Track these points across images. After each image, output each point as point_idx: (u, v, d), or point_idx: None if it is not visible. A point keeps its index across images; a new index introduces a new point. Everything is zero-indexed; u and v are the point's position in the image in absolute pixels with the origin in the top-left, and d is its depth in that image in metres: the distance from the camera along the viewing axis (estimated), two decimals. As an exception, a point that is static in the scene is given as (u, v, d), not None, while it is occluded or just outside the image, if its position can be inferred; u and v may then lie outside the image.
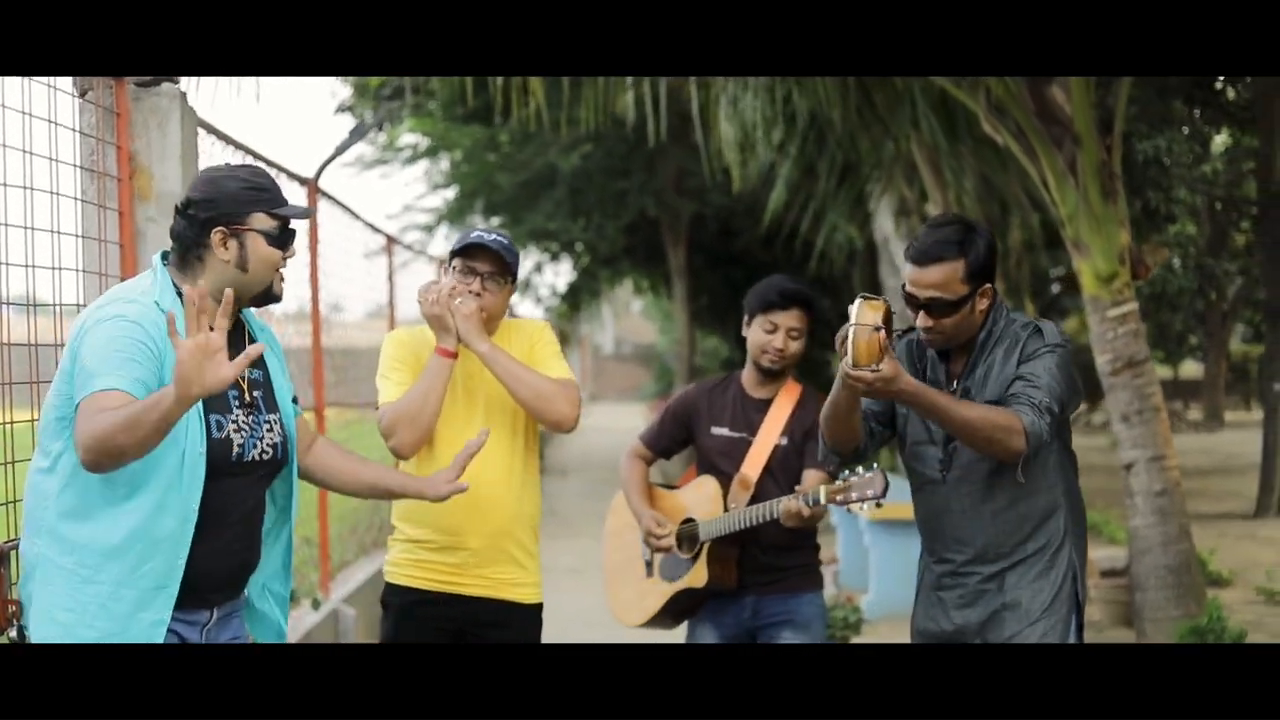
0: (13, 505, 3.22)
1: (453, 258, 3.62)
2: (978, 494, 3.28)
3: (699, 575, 4.08)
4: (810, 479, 3.93)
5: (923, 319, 3.22)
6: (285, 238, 2.90)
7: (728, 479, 4.09)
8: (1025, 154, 6.72)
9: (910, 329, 3.45)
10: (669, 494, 4.27)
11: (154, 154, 3.98)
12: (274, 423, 2.95)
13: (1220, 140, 13.00)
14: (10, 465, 3.27)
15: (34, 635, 2.74)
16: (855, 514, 3.68)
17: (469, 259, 3.59)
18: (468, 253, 3.59)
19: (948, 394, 3.17)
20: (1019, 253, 12.25)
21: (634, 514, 4.20)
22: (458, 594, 3.61)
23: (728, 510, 4.03)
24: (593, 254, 19.07)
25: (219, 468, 2.81)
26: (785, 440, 4.07)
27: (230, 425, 2.85)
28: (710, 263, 19.48)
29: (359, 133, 9.26)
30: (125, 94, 3.92)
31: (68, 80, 3.68)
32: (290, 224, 2.92)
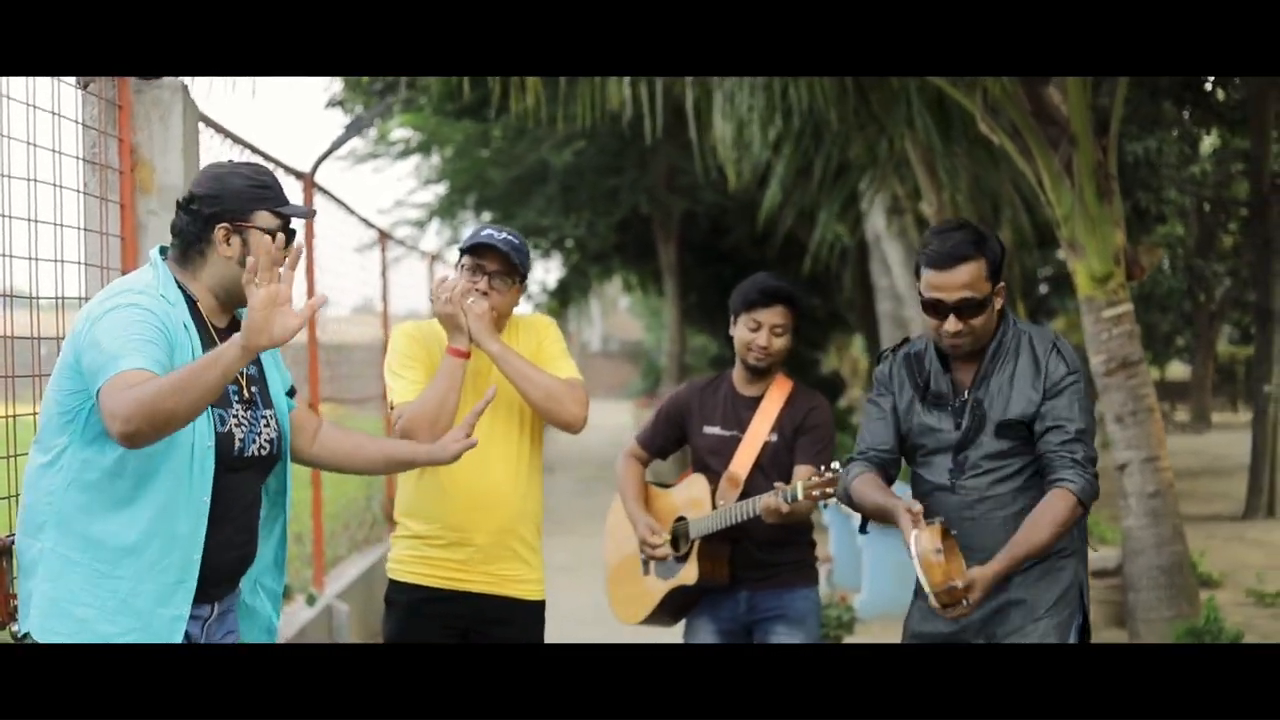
0: (15, 500, 3.20)
1: (462, 255, 3.62)
2: (989, 502, 3.28)
3: (690, 573, 4.09)
4: (800, 475, 3.93)
5: (952, 322, 3.22)
6: (287, 236, 2.90)
7: (718, 478, 4.09)
8: (1021, 154, 6.70)
9: (905, 341, 3.46)
10: (664, 493, 4.28)
11: (156, 147, 3.98)
12: (270, 418, 2.95)
13: (1209, 141, 13.04)
14: (12, 459, 3.26)
15: (43, 631, 2.71)
16: (847, 514, 3.68)
17: (477, 257, 3.59)
18: (476, 251, 3.59)
19: (1009, 550, 3.11)
20: (1010, 253, 12.27)
21: (630, 519, 4.21)
22: (464, 591, 3.60)
23: (716, 508, 4.04)
24: (583, 251, 19.04)
25: (223, 462, 2.80)
26: (775, 436, 4.07)
27: (232, 420, 2.84)
28: (701, 260, 19.47)
29: (356, 127, 9.23)
30: (127, 87, 3.91)
31: (70, 72, 3.67)
32: (291, 223, 2.93)
